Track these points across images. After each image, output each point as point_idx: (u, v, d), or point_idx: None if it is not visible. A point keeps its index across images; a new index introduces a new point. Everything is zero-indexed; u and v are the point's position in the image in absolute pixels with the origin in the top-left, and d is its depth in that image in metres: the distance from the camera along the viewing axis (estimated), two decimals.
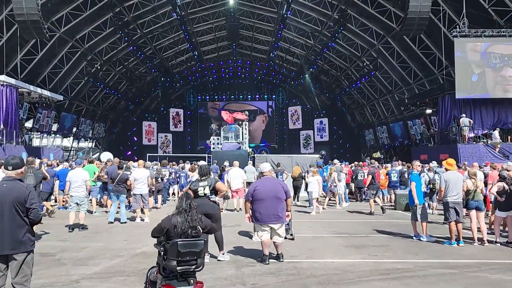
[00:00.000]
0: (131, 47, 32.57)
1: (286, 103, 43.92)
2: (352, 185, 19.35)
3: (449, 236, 9.46)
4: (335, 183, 16.23)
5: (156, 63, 37.73)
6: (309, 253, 8.57)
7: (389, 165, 19.71)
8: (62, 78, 31.58)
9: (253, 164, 21.23)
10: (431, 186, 14.16)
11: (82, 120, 35.72)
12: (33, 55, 28.07)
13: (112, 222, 12.00)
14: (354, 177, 18.35)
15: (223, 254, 7.93)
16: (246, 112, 25.88)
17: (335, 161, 17.62)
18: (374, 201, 14.79)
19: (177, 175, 17.71)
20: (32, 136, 31.63)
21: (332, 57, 36.61)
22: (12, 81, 22.18)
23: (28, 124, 30.51)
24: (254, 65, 42.50)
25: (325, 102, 41.91)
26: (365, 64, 34.04)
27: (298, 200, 17.65)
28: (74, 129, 35.33)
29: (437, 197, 15.68)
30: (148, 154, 32.08)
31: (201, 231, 4.93)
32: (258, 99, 44.11)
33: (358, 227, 11.77)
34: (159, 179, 14.99)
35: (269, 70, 42.07)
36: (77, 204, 10.76)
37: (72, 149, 36.56)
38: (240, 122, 24.63)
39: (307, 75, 38.62)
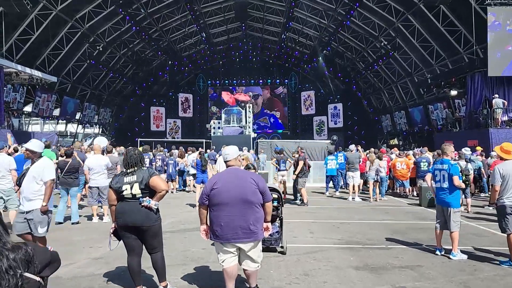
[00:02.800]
0: (134, 28, 29.63)
1: (299, 88, 40.58)
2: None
3: (508, 251, 6.33)
4: (377, 172, 13.41)
5: (163, 46, 34.80)
6: (304, 282, 5.53)
7: (410, 152, 16.42)
8: (63, 60, 28.98)
9: (256, 152, 18.22)
10: (464, 177, 10.89)
11: (87, 105, 33.16)
12: (29, 35, 25.52)
13: (61, 223, 9.18)
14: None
15: (166, 287, 4.99)
16: (250, 93, 22.81)
17: (351, 147, 14.43)
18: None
19: (164, 162, 14.85)
20: (29, 120, 29.17)
21: (347, 38, 33.04)
22: None
23: (28, 108, 28.13)
24: (265, 48, 39.14)
25: (340, 86, 38.40)
26: (382, 44, 30.40)
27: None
28: (79, 114, 32.82)
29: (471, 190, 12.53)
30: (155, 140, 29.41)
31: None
32: (270, 84, 40.87)
33: (373, 232, 8.68)
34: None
35: (281, 53, 38.67)
36: (2, 199, 7.92)
37: (78, 134, 34.12)
38: (243, 104, 21.63)
39: (320, 58, 35.17)
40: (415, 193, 14.60)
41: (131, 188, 4.76)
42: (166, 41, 34.76)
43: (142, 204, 4.75)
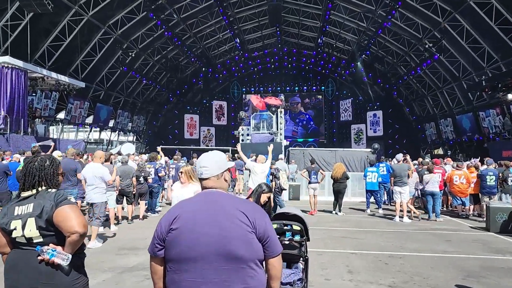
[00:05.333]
0: (166, 33, 28.10)
1: (336, 95, 37.81)
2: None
3: None
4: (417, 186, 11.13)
5: (197, 53, 33.17)
6: None
7: (465, 163, 13.47)
8: (96, 67, 27.87)
9: (287, 160, 15.85)
10: None
11: (120, 112, 31.95)
12: (62, 42, 24.50)
13: None
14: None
15: None
16: (282, 97, 20.38)
17: (398, 156, 11.64)
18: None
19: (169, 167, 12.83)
20: (58, 127, 28.14)
21: (387, 42, 30.10)
22: (19, 63, 18.28)
23: (61, 115, 27.17)
24: (301, 54, 36.70)
25: (379, 93, 35.29)
26: (427, 47, 27.25)
27: (340, 211, 12.00)
28: (112, 122, 31.64)
29: None
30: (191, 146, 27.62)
31: None
32: (305, 91, 38.38)
33: (436, 273, 6.08)
34: (141, 179, 10.05)
35: (317, 59, 36.09)
36: None
37: (111, 142, 32.95)
38: (274, 109, 19.30)
39: (359, 63, 32.31)
40: (476, 213, 11.72)
41: (23, 226, 2.56)
42: (200, 47, 33.14)
43: (40, 256, 2.54)
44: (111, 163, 9.68)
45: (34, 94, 22.69)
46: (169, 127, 37.35)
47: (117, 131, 32.77)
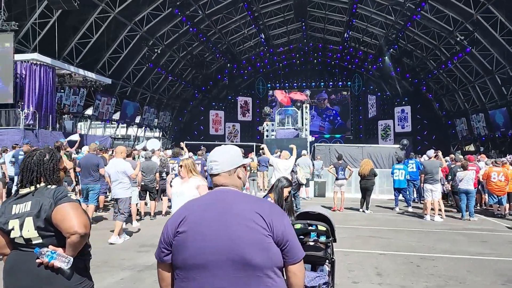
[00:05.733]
0: (191, 29, 28.03)
1: (363, 90, 36.92)
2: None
3: None
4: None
5: (223, 49, 33.00)
6: None
7: (504, 159, 12.69)
8: (123, 64, 28.11)
9: (313, 156, 15.42)
10: None
11: (146, 108, 32.18)
12: (89, 39, 24.79)
13: None
14: (450, 175, 11.81)
15: None
16: (307, 92, 19.89)
17: (430, 152, 10.95)
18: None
19: (205, 168, 12.57)
20: (86, 123, 28.54)
21: (416, 35, 29.04)
22: (47, 60, 18.55)
23: (89, 111, 27.57)
24: (327, 49, 35.95)
25: (407, 88, 34.21)
26: (458, 39, 26.11)
27: (367, 209, 11.52)
28: (138, 118, 31.91)
29: None
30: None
31: None
32: (331, 87, 37.67)
33: (473, 277, 5.60)
34: (164, 175, 9.88)
35: (343, 54, 35.29)
36: None
37: (138, 138, 33.27)
38: (299, 104, 18.84)
39: (386, 58, 31.38)
40: None
41: (21, 226, 2.32)
42: (225, 43, 32.97)
43: (39, 259, 2.30)
44: (133, 158, 9.55)
45: (62, 91, 23.05)
46: (194, 123, 37.43)
47: (143, 127, 33.05)
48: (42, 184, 2.43)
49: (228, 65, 34.63)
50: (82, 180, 8.73)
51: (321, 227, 4.27)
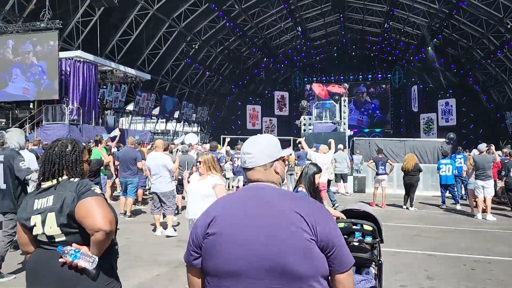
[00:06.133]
0: (228, 24, 27.93)
1: (403, 83, 35.52)
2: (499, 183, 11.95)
3: None
4: None
5: (259, 43, 32.75)
6: None
7: None
8: (162, 60, 28.48)
9: (351, 151, 14.86)
10: None
11: (185, 103, 32.50)
12: (129, 36, 25.25)
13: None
14: (504, 171, 10.94)
15: None
16: (346, 85, 19.20)
17: (481, 146, 10.08)
18: None
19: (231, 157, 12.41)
20: (127, 118, 29.11)
21: (462, 23, 27.47)
22: (90, 57, 18.97)
23: (129, 107, 28.16)
24: (365, 40, 34.84)
25: (452, 79, 32.56)
26: (509, 27, 24.46)
27: (411, 206, 10.89)
28: (177, 113, 32.28)
29: None
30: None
31: None
32: (370, 80, 36.53)
33: None
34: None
35: (383, 45, 34.05)
36: None
37: (177, 132, 33.69)
38: (337, 97, 18.22)
39: (429, 48, 29.98)
40: None
41: (43, 222, 2.13)
42: (262, 37, 32.66)
43: (62, 259, 2.10)
44: (171, 152, 9.46)
45: (105, 87, 23.62)
46: (231, 118, 37.46)
47: (182, 122, 33.43)
48: (65, 177, 2.23)
49: (265, 59, 34.35)
50: (120, 174, 8.73)
51: (367, 227, 3.89)
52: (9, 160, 4.84)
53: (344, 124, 17.78)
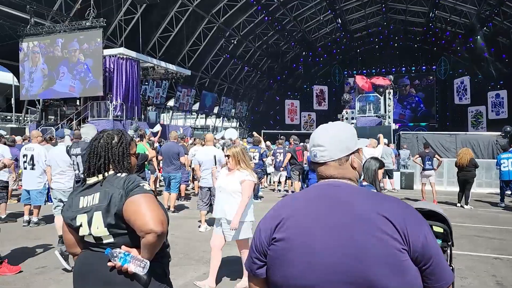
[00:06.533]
0: (266, 18, 27.59)
1: (450, 74, 33.80)
2: None
3: None
4: None
5: (298, 37, 32.19)
6: None
7: None
8: (201, 56, 28.59)
9: (397, 145, 14.17)
10: None
11: (224, 99, 32.53)
12: (170, 32, 25.48)
13: None
14: None
15: None
16: (390, 77, 18.28)
17: None
18: None
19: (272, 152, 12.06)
20: (168, 114, 29.44)
21: None
22: (132, 53, 19.23)
23: (170, 103, 28.48)
24: (409, 31, 33.42)
25: (503, 70, 30.60)
26: None
27: (467, 203, 10.14)
28: (216, 109, 32.37)
29: None
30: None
31: None
32: (414, 71, 35.05)
33: None
34: None
35: (428, 36, 32.51)
36: (62, 201, 5.92)
37: (216, 128, 33.81)
38: (382, 90, 17.41)
39: (478, 37, 28.27)
40: None
41: (90, 222, 1.91)
42: (300, 31, 32.08)
43: (111, 262, 1.87)
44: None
45: (147, 83, 23.95)
46: (270, 113, 37.18)
47: (221, 117, 33.50)
48: (111, 172, 1.99)
49: (303, 53, 33.73)
50: (163, 169, 8.63)
51: (438, 228, 3.43)
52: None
53: (389, 117, 17.00)
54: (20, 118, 23.29)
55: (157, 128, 14.08)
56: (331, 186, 1.44)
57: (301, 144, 11.48)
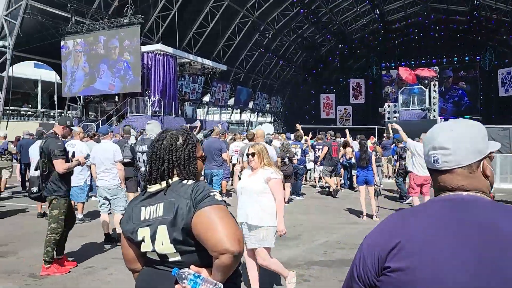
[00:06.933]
0: (302, 10, 27.01)
1: (495, 65, 31.99)
2: None
3: None
4: None
5: (333, 30, 31.39)
6: None
7: None
8: (236, 51, 28.38)
9: None
10: None
11: (258, 93, 32.26)
12: (205, 28, 25.40)
13: None
14: None
15: None
16: (436, 68, 17.30)
17: None
18: None
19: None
20: (204, 109, 29.45)
21: None
22: (169, 49, 19.23)
23: (206, 98, 28.49)
24: (450, 20, 31.85)
25: None
26: None
27: None
28: (251, 103, 32.15)
29: None
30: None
31: None
32: (456, 63, 33.45)
33: None
34: (286, 160, 9.12)
35: (471, 25, 30.85)
36: (107, 199, 5.79)
37: (251, 123, 33.62)
38: (427, 82, 16.50)
39: None
40: None
41: (153, 237, 1.62)
42: (336, 23, 31.25)
43: (178, 285, 1.57)
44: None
45: (183, 79, 24.00)
46: (305, 107, 36.57)
47: (256, 112, 33.26)
48: (176, 178, 1.70)
49: (340, 45, 32.88)
50: (206, 165, 8.42)
51: None
52: None
53: (434, 110, 16.13)
54: (62, 114, 23.89)
55: (196, 123, 13.95)
56: (462, 202, 1.09)
57: (337, 139, 11.27)
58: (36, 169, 4.89)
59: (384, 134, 12.45)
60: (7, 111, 19.56)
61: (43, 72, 30.11)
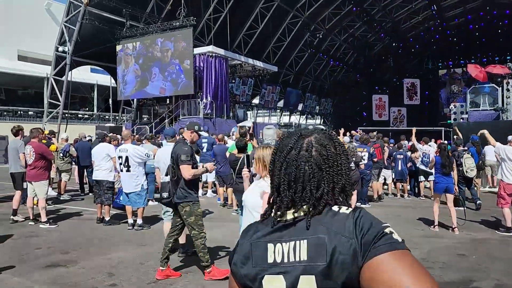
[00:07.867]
0: (355, 8, 25.91)
1: None
2: None
3: None
4: None
5: (387, 28, 29.92)
6: None
7: None
8: (286, 52, 27.79)
9: None
10: None
11: (308, 95, 31.40)
12: (255, 29, 25.03)
13: None
14: None
15: None
16: (510, 65, 15.56)
17: None
18: None
19: (391, 157, 10.49)
20: (254, 111, 29.01)
21: None
22: (221, 51, 18.95)
23: (255, 100, 28.10)
24: None
25: None
26: None
27: None
28: (301, 106, 31.37)
29: None
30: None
31: None
32: None
33: None
34: (352, 165, 8.30)
35: None
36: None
37: (300, 125, 32.80)
38: (499, 79, 14.93)
39: None
40: None
41: None
42: (390, 21, 29.76)
43: None
44: None
45: (233, 81, 23.72)
46: (356, 109, 35.18)
47: (305, 115, 32.43)
48: (326, 200, 1.06)
49: (393, 44, 31.30)
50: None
51: None
52: None
53: (508, 111, 14.58)
54: (117, 117, 24.36)
55: (248, 124, 13.48)
56: None
57: (379, 140, 10.44)
58: (166, 174, 4.90)
59: (454, 137, 11.29)
60: (66, 115, 20.11)
61: (99, 77, 31.06)
